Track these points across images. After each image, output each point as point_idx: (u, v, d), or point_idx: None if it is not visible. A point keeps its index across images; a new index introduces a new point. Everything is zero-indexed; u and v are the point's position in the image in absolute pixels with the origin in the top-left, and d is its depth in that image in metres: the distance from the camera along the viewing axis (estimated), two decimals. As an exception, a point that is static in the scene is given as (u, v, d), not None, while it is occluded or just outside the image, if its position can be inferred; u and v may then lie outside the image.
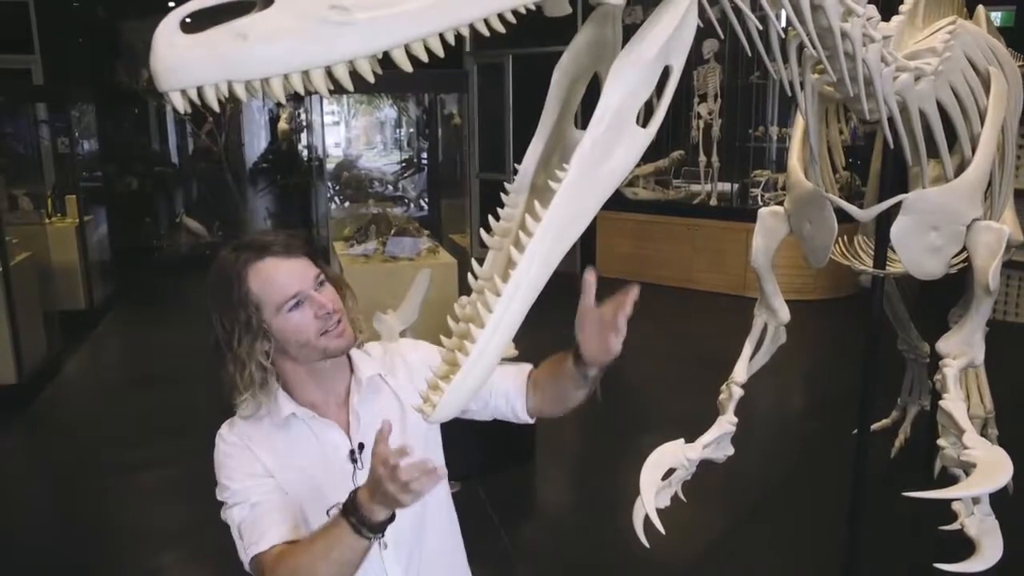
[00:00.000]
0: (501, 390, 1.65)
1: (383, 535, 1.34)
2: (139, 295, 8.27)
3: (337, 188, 7.94)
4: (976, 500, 1.89)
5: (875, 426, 3.72)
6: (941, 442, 2.03)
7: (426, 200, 9.04)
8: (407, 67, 1.03)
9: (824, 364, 5.79)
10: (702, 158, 8.03)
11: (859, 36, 1.76)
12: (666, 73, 1.30)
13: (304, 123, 9.88)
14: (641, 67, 1.25)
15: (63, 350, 6.18)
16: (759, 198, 7.84)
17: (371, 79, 1.01)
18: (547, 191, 1.27)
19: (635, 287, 1.36)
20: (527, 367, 1.69)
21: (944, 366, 2.10)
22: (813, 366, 5.71)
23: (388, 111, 9.84)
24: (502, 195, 1.31)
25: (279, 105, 9.98)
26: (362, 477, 1.53)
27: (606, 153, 1.25)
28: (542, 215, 1.21)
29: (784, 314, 2.57)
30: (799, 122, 2.48)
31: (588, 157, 1.23)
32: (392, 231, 5.07)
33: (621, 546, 3.57)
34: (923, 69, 2.03)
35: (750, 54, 1.72)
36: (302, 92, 0.97)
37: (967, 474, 1.92)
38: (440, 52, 1.05)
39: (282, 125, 9.89)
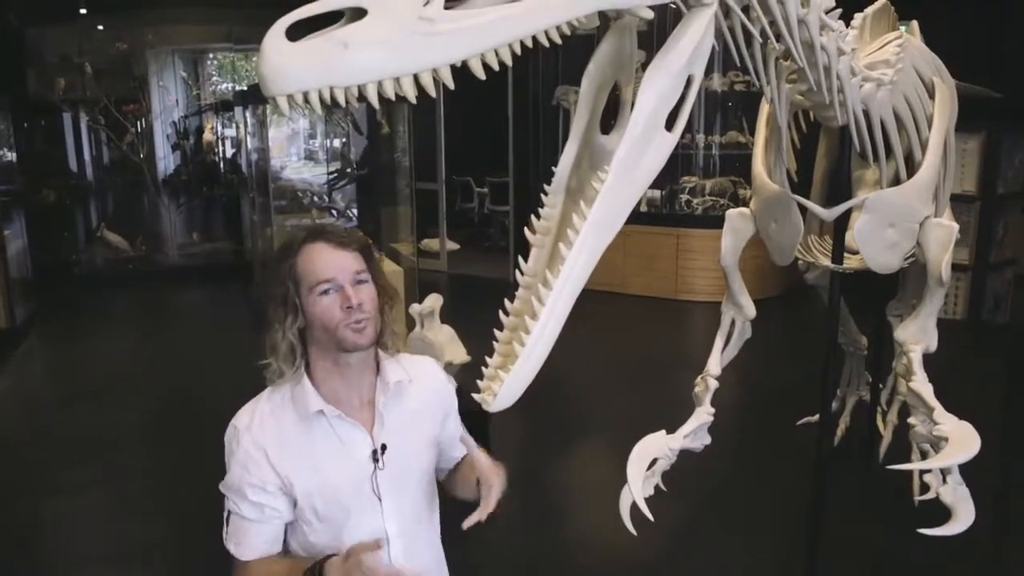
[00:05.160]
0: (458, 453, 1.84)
1: None
2: (61, 312, 7.92)
3: (262, 200, 7.82)
4: (947, 471, 2.06)
5: (811, 419, 3.92)
6: (911, 420, 2.20)
7: (355, 210, 8.97)
8: (481, 75, 1.10)
9: (758, 360, 6.01)
10: (631, 165, 8.21)
11: (834, 49, 1.92)
12: (688, 82, 1.41)
13: (230, 135, 9.66)
14: (672, 75, 1.36)
15: (-13, 371, 5.91)
16: (687, 204, 8.10)
17: (451, 85, 1.07)
18: (583, 192, 1.37)
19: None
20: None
21: (908, 352, 2.28)
22: (747, 363, 5.92)
23: (315, 121, 9.72)
24: (542, 196, 1.40)
25: (196, 113, 9.72)
26: (382, 477, 1.61)
27: (640, 155, 1.35)
28: (587, 213, 1.30)
29: (750, 310, 2.72)
30: (761, 130, 2.64)
31: (625, 160, 1.33)
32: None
33: (574, 539, 3.69)
34: (881, 79, 2.21)
35: (739, 65, 1.85)
36: (392, 97, 1.03)
37: (936, 449, 2.09)
38: (509, 61, 1.12)
39: (207, 136, 9.66)
